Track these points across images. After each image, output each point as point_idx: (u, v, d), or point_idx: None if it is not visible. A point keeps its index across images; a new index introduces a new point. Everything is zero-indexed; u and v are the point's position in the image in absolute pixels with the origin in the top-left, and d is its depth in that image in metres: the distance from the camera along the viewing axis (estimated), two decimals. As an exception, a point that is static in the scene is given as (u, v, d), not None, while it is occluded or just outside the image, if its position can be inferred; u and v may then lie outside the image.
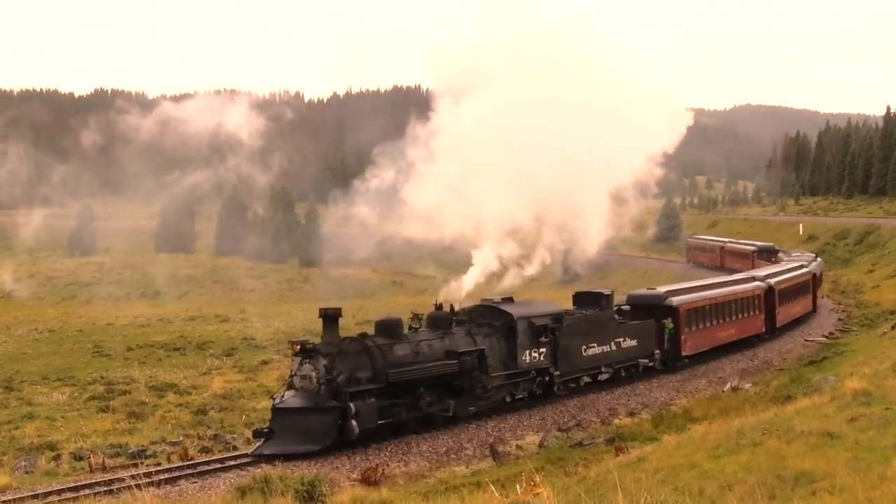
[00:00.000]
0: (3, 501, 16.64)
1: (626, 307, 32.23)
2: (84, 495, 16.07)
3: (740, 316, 37.46)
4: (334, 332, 22.20)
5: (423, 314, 24.81)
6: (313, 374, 21.17)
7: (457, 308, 26.37)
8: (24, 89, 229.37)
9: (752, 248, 65.53)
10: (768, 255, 62.60)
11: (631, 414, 27.32)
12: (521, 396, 26.67)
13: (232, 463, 20.52)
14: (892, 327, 38.69)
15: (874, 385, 16.36)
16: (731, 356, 36.66)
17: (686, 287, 37.45)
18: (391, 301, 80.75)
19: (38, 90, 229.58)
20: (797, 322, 44.87)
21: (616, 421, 26.17)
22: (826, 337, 41.69)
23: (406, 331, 23.96)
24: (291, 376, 21.89)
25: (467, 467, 21.77)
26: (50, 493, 17.62)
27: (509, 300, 27.11)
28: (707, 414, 23.85)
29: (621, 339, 29.90)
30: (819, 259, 57.77)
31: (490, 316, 26.06)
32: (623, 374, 30.47)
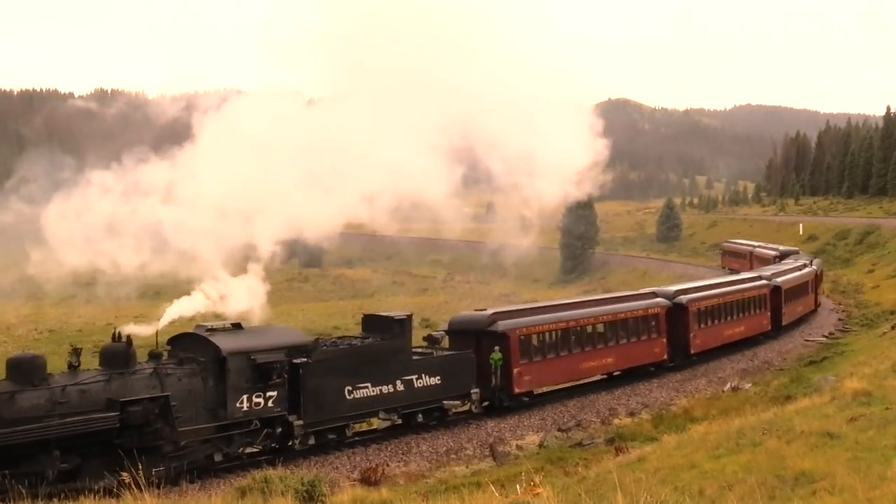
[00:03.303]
0: (5, 501, 16.65)
1: (440, 334, 27.14)
2: (84, 495, 16.05)
3: (623, 341, 31.06)
4: None
5: (81, 348, 19.01)
6: None
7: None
8: (24, 89, 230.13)
9: (775, 252, 63.72)
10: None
11: (631, 414, 27.35)
12: (239, 453, 20.61)
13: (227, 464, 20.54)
14: (892, 327, 38.70)
15: (874, 385, 16.36)
16: (733, 356, 36.68)
17: (526, 308, 30.76)
18: (392, 301, 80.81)
19: (39, 90, 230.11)
20: (739, 344, 38.15)
21: (616, 421, 26.20)
22: (826, 337, 41.73)
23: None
24: None
25: (467, 467, 21.82)
26: (50, 493, 17.60)
27: (237, 327, 21.19)
28: (707, 414, 23.87)
29: (414, 377, 23.71)
30: (809, 268, 50.18)
31: (197, 349, 20.15)
32: (420, 419, 24.40)
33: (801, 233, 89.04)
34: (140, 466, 16.07)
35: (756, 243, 71.56)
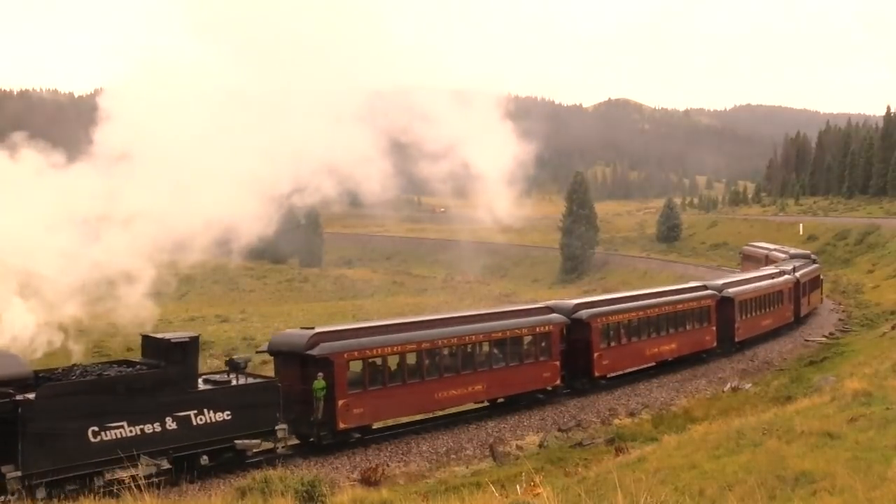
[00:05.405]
0: (5, 501, 16.65)
1: (244, 358, 22.76)
2: (84, 495, 16.05)
3: (500, 365, 26.86)
4: None
5: None
6: None
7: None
8: (24, 89, 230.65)
9: (785, 256, 63.27)
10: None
11: (631, 414, 27.37)
12: None
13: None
14: (893, 327, 38.71)
15: (874, 385, 16.37)
16: (733, 356, 36.65)
17: (365, 326, 25.74)
18: (391, 301, 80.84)
19: (39, 90, 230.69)
20: (671, 365, 34.11)
21: (616, 421, 26.22)
22: (826, 337, 41.75)
23: None
24: None
25: (467, 467, 21.83)
26: (51, 494, 17.61)
27: None
28: (707, 414, 23.90)
29: (193, 412, 19.61)
30: (788, 276, 45.40)
31: None
32: (206, 461, 19.91)
33: (800, 233, 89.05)
34: None
35: (772, 246, 70.26)
